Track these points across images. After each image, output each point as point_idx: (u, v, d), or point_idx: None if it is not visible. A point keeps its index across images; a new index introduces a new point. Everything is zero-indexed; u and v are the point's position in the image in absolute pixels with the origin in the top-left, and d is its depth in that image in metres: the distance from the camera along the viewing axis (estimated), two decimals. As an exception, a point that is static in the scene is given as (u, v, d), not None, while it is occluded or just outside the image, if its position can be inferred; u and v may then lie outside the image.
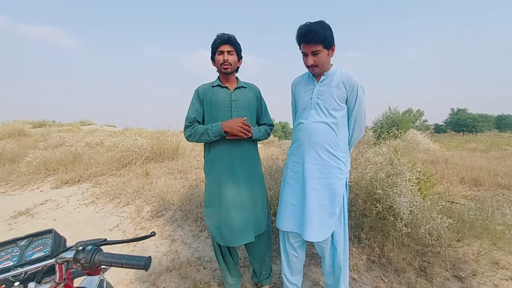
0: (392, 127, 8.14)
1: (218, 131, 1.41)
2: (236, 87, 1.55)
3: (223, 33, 1.48)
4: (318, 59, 1.27)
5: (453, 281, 1.77)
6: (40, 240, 0.71)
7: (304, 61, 1.33)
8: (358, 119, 1.38)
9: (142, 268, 0.62)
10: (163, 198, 3.39)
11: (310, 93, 1.38)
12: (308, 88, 1.41)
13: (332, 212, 1.33)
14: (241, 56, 1.57)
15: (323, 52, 1.26)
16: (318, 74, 1.36)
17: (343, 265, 1.41)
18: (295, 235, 1.46)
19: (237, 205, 1.46)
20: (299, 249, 1.50)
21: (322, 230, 1.33)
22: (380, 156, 2.64)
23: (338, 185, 1.33)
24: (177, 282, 1.86)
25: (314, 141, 1.34)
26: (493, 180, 3.99)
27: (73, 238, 0.80)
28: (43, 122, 14.20)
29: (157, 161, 5.53)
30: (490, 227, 1.81)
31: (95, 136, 8.70)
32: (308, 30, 1.21)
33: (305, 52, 1.28)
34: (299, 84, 1.48)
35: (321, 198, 1.33)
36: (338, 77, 1.33)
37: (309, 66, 1.30)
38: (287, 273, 1.56)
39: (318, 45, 1.23)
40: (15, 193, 4.00)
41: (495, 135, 38.72)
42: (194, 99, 1.55)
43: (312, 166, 1.34)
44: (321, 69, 1.32)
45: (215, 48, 1.49)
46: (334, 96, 1.32)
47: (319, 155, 1.33)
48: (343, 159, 1.36)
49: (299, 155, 1.40)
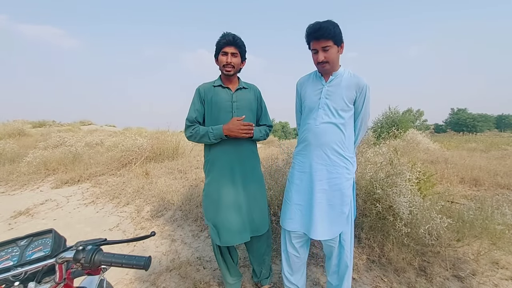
0: (392, 127, 8.14)
1: (219, 134, 1.41)
2: (237, 88, 1.54)
3: (229, 33, 1.45)
4: (329, 55, 1.26)
5: (453, 280, 1.77)
6: (40, 240, 0.71)
7: (314, 58, 1.31)
8: (364, 120, 1.40)
9: (142, 268, 0.62)
10: (163, 198, 3.39)
11: (319, 93, 1.36)
12: (316, 88, 1.39)
13: (341, 212, 1.34)
14: (245, 58, 1.54)
15: (333, 48, 1.26)
16: (327, 72, 1.35)
17: (349, 265, 1.41)
18: (297, 235, 1.46)
19: (234, 206, 1.47)
20: (301, 249, 1.50)
21: (331, 229, 1.34)
22: (380, 156, 2.64)
23: (346, 185, 1.34)
24: (177, 282, 1.86)
25: (322, 142, 1.33)
26: (493, 180, 3.99)
27: (73, 238, 0.80)
28: (43, 122, 14.20)
29: (157, 161, 5.54)
30: (490, 227, 1.81)
31: (95, 136, 8.69)
32: (319, 27, 1.22)
33: (316, 48, 1.28)
34: (305, 83, 1.46)
35: (330, 198, 1.34)
36: (347, 78, 1.33)
37: (320, 62, 1.28)
38: (287, 272, 1.56)
39: (328, 41, 1.24)
40: (15, 193, 4.00)
41: (495, 135, 38.73)
42: (195, 98, 1.54)
43: (320, 167, 1.34)
44: (331, 66, 1.30)
45: (219, 48, 1.46)
46: (344, 97, 1.32)
47: (327, 155, 1.33)
48: (351, 159, 1.37)
49: (306, 155, 1.39)
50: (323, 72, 1.36)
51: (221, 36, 1.45)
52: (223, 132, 1.41)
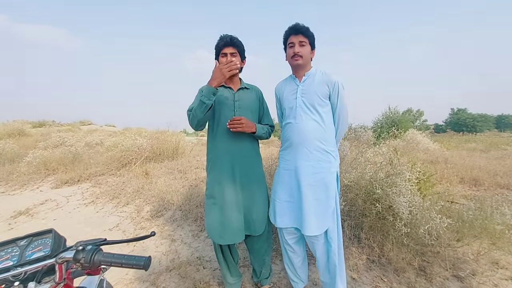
0: (392, 127, 8.14)
1: (207, 89, 1.32)
2: (239, 87, 1.56)
3: (226, 35, 1.48)
4: (303, 50, 1.39)
5: (453, 280, 1.77)
6: (40, 240, 0.71)
7: (289, 52, 1.43)
8: (342, 115, 1.46)
9: (142, 268, 0.62)
10: (163, 198, 3.40)
11: (295, 93, 1.46)
12: (292, 88, 1.50)
13: (327, 205, 1.38)
14: (245, 57, 1.57)
15: (308, 47, 1.41)
16: (299, 68, 1.45)
17: (338, 262, 1.41)
18: (289, 232, 1.51)
19: (232, 205, 1.48)
20: (295, 245, 1.54)
21: (319, 224, 1.36)
22: (380, 156, 2.64)
23: (330, 179, 1.40)
24: (177, 282, 1.86)
25: (304, 139, 1.40)
26: (492, 180, 3.99)
27: (73, 238, 0.80)
28: (43, 122, 14.21)
29: (157, 161, 5.54)
30: (489, 227, 1.81)
31: (95, 136, 8.70)
32: (300, 25, 1.39)
33: (293, 41, 1.40)
34: (282, 87, 1.57)
35: (316, 193, 1.38)
36: (319, 76, 1.44)
37: (294, 55, 1.39)
38: (288, 268, 1.62)
39: (305, 38, 1.39)
40: (15, 193, 4.00)
41: (495, 135, 38.73)
42: (198, 95, 1.55)
43: (305, 163, 1.40)
44: (303, 62, 1.42)
45: (218, 51, 1.50)
46: (318, 93, 1.40)
47: (310, 151, 1.40)
48: (333, 153, 1.44)
49: (290, 153, 1.46)
50: (295, 68, 1.47)
51: (219, 38, 1.49)
52: (211, 86, 1.32)
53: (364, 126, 4.43)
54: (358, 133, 4.03)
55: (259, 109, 1.64)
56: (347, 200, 2.26)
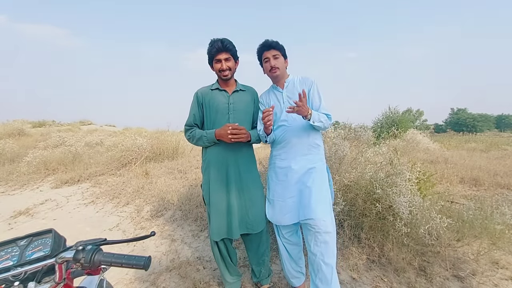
0: (392, 126, 8.15)
1: (211, 138, 1.48)
2: (234, 90, 1.57)
3: (217, 39, 1.46)
4: (278, 62, 1.53)
5: (453, 280, 1.77)
6: (40, 240, 0.70)
7: (265, 67, 1.57)
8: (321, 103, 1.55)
9: (142, 268, 0.62)
10: (163, 198, 3.40)
11: (281, 99, 1.59)
12: (277, 96, 1.61)
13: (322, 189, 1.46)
14: (237, 57, 1.57)
15: (281, 58, 1.55)
16: (278, 78, 1.58)
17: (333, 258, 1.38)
18: (287, 226, 1.56)
19: (225, 204, 1.51)
20: (292, 237, 1.61)
21: (322, 209, 1.39)
22: (380, 155, 2.64)
23: (322, 167, 1.54)
24: (177, 282, 1.86)
25: (300, 137, 1.52)
26: (492, 180, 3.99)
27: (73, 238, 0.80)
28: (42, 122, 14.19)
29: (157, 161, 5.54)
30: (489, 227, 1.81)
31: (95, 136, 8.69)
32: (271, 41, 1.53)
33: (268, 57, 1.53)
34: (267, 96, 1.66)
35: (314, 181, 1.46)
36: (297, 81, 1.60)
37: (271, 68, 1.53)
38: (289, 264, 1.63)
39: (277, 51, 1.53)
40: (15, 192, 4.00)
41: (495, 135, 38.71)
42: (193, 102, 1.58)
43: (302, 158, 1.51)
44: (281, 72, 1.55)
45: (211, 57, 1.50)
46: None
47: (305, 147, 1.52)
48: (321, 144, 1.59)
49: (286, 152, 1.55)
50: (275, 79, 1.60)
51: (210, 44, 1.47)
52: (215, 137, 1.47)
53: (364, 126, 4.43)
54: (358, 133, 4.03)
55: (253, 111, 1.65)
56: (347, 200, 2.25)
